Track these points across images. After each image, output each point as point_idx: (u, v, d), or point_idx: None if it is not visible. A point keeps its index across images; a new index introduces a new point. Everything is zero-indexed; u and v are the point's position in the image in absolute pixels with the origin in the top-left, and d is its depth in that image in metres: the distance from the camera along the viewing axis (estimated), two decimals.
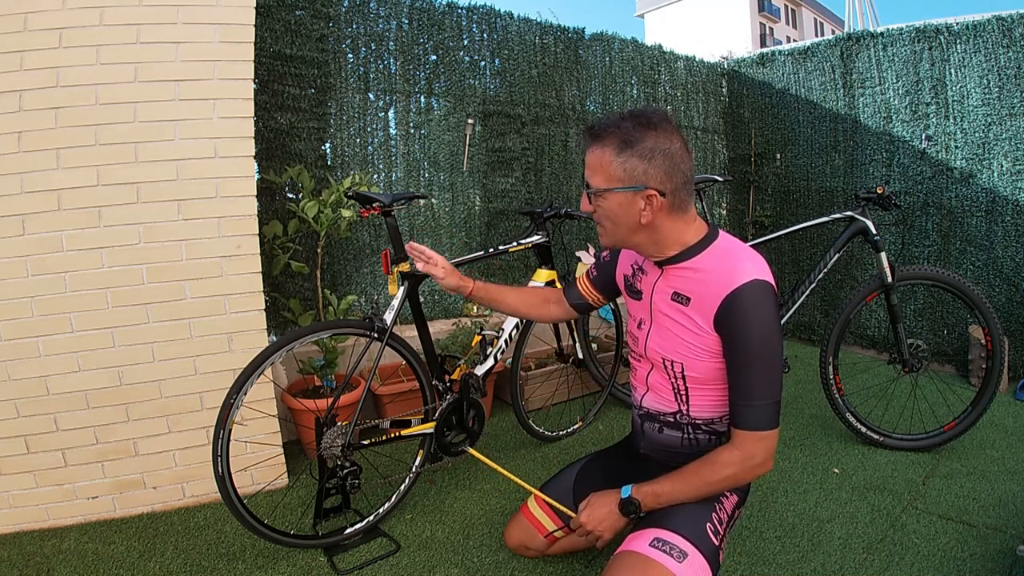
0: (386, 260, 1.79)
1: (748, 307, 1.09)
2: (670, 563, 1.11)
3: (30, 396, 1.76)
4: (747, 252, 1.17)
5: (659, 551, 1.14)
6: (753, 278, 1.10)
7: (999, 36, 2.84)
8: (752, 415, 1.12)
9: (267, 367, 1.57)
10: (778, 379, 1.13)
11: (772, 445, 1.15)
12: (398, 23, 2.81)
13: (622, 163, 1.12)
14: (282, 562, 1.65)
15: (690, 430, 1.28)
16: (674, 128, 1.14)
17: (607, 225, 1.20)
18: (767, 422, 1.12)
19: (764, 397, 1.11)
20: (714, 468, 1.17)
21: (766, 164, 3.98)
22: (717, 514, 1.24)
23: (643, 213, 1.14)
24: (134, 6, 1.76)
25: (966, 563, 1.58)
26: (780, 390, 1.14)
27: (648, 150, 1.10)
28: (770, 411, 1.12)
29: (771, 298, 1.11)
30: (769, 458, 1.16)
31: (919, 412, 2.49)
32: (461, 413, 1.93)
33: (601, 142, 1.14)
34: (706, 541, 1.17)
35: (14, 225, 1.70)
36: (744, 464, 1.15)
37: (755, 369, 1.11)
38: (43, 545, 1.73)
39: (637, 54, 3.69)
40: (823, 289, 3.68)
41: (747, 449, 1.14)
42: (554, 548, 1.52)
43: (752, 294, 1.10)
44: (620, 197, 1.14)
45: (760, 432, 1.12)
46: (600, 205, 1.17)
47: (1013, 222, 2.90)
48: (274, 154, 2.51)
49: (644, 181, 1.12)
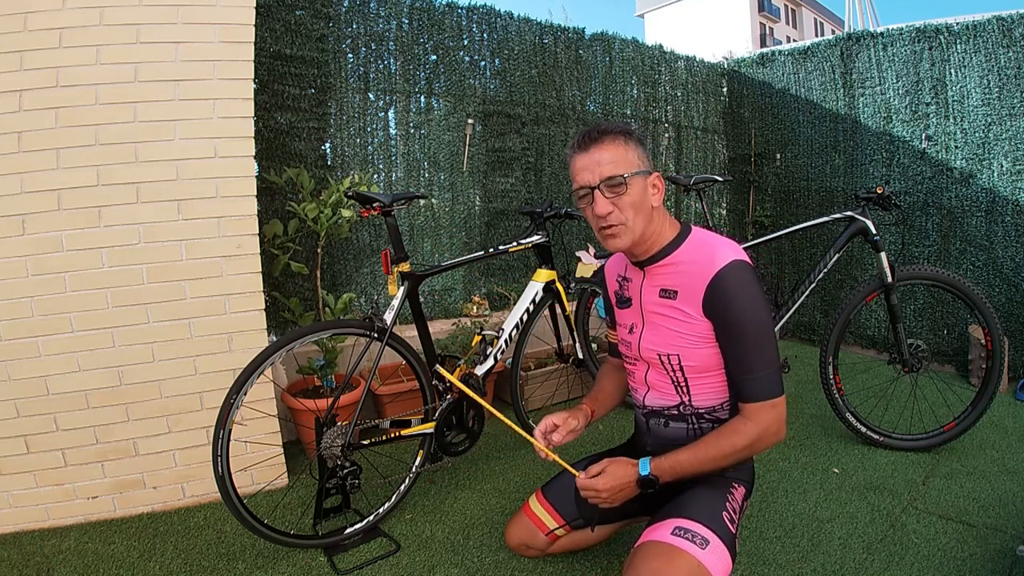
0: (386, 260, 1.79)
1: (731, 285, 1.15)
2: (694, 550, 1.13)
3: (30, 396, 1.76)
4: (721, 239, 1.23)
5: (682, 539, 1.16)
6: (731, 259, 1.16)
7: (999, 36, 2.84)
8: (757, 386, 1.16)
9: (267, 367, 1.57)
10: (773, 347, 1.18)
11: (782, 411, 1.18)
12: (398, 23, 2.81)
13: (634, 149, 1.22)
14: (282, 562, 1.65)
15: (694, 420, 1.30)
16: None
17: (629, 216, 1.20)
18: (772, 390, 1.16)
19: (763, 366, 1.16)
20: (731, 438, 1.19)
21: (766, 164, 3.98)
22: (730, 503, 1.26)
23: (654, 196, 1.23)
24: (134, 6, 1.76)
25: (966, 563, 1.58)
26: (777, 357, 1.18)
27: (637, 140, 1.23)
28: (773, 378, 1.16)
29: (751, 273, 1.17)
30: (782, 425, 1.19)
31: (919, 412, 2.48)
32: (461, 413, 1.93)
33: (611, 136, 1.21)
34: (724, 528, 1.19)
35: (14, 225, 1.70)
36: (760, 434, 1.17)
37: (748, 340, 1.15)
38: (43, 545, 1.73)
39: (637, 54, 3.69)
40: (823, 289, 3.68)
41: (760, 420, 1.17)
42: (555, 547, 1.52)
43: (733, 273, 1.15)
44: (642, 181, 1.21)
45: (769, 400, 1.16)
46: (627, 194, 1.19)
47: (1013, 222, 2.90)
48: (274, 154, 2.51)
49: (648, 166, 1.23)
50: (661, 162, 3.92)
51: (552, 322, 2.48)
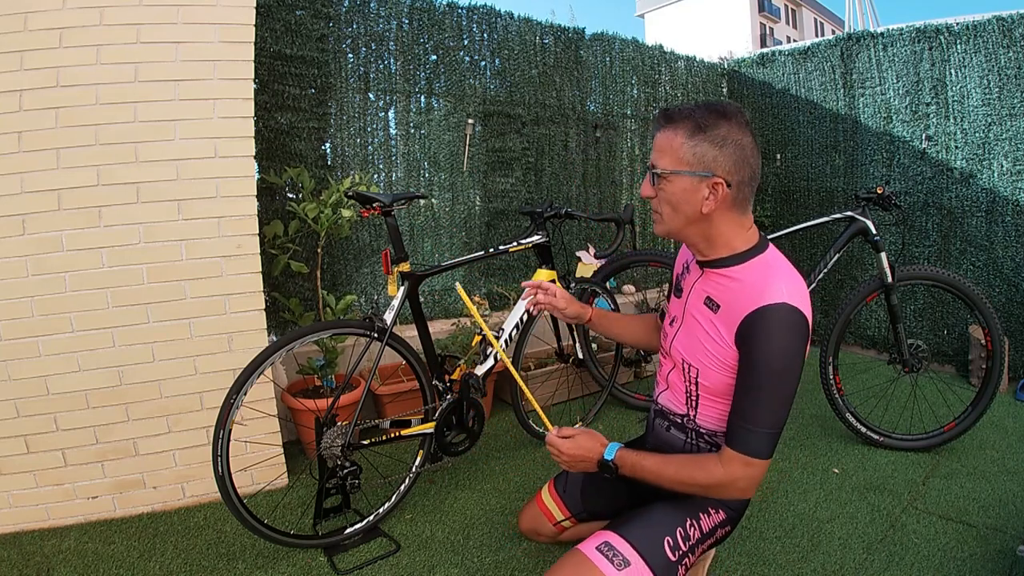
0: (386, 260, 1.79)
1: (771, 328, 1.04)
2: (607, 568, 1.10)
3: (30, 396, 1.76)
4: (788, 274, 1.11)
5: (602, 555, 1.13)
6: (783, 301, 1.05)
7: (999, 36, 2.84)
8: (747, 438, 1.07)
9: (267, 367, 1.57)
10: (784, 410, 1.08)
11: (758, 474, 1.10)
12: (398, 23, 2.81)
13: (693, 147, 1.10)
14: (282, 562, 1.65)
15: (694, 436, 1.26)
16: (747, 123, 1.11)
17: (666, 211, 1.16)
18: (759, 449, 1.07)
19: (763, 424, 1.06)
20: (697, 471, 1.13)
21: (766, 164, 3.98)
22: (685, 529, 1.19)
23: (706, 202, 1.11)
24: (134, 6, 1.76)
25: (966, 563, 1.58)
26: (783, 422, 1.08)
27: (720, 137, 1.09)
28: (765, 440, 1.07)
29: (798, 327, 1.05)
30: (752, 487, 1.11)
31: (919, 412, 2.49)
32: (461, 413, 1.93)
33: (674, 124, 1.12)
34: (658, 554, 1.14)
35: (14, 225, 1.70)
36: (725, 484, 1.10)
37: (762, 392, 1.06)
38: (43, 545, 1.73)
39: (637, 54, 3.69)
40: (823, 289, 3.68)
41: (732, 470, 1.09)
42: (563, 536, 1.54)
43: (778, 316, 1.04)
44: (686, 182, 1.11)
45: (748, 458, 1.07)
46: (664, 188, 1.14)
47: (1013, 222, 2.90)
48: (274, 154, 2.51)
49: (712, 168, 1.09)
50: None
51: (552, 322, 2.48)
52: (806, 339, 1.06)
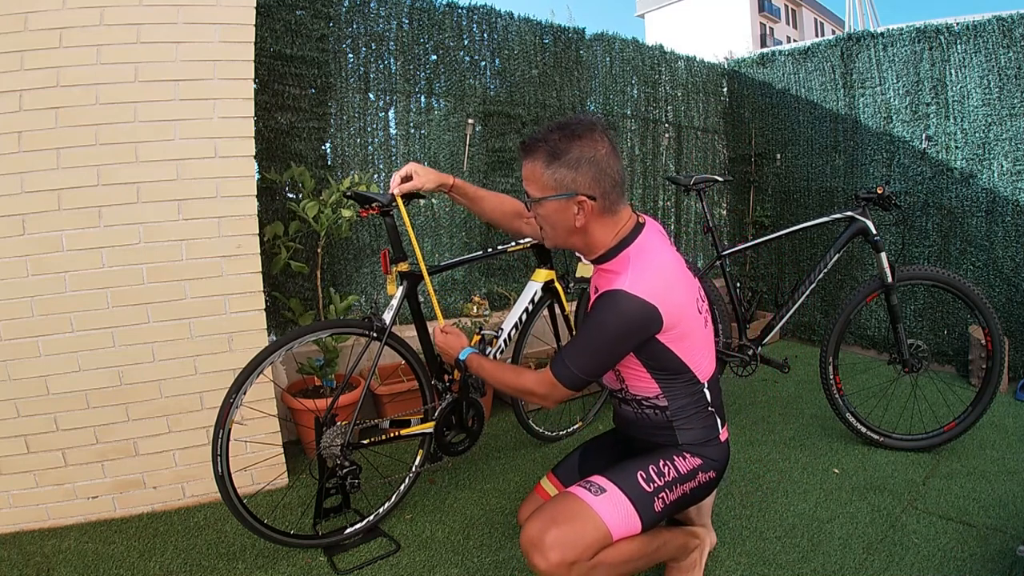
0: (385, 260, 1.79)
1: (604, 305, 1.22)
2: (586, 495, 1.25)
3: (30, 396, 1.76)
4: (638, 265, 1.24)
5: (581, 487, 1.28)
6: (621, 288, 1.20)
7: (999, 36, 2.84)
8: (560, 363, 1.28)
9: (267, 367, 1.57)
10: (589, 363, 1.26)
11: (559, 395, 1.30)
12: (398, 23, 2.81)
13: (552, 173, 1.23)
14: (282, 562, 1.65)
15: (636, 405, 1.40)
16: (600, 134, 1.25)
17: (547, 230, 1.33)
18: (563, 376, 1.27)
19: (571, 357, 1.27)
20: (517, 376, 1.41)
21: (766, 164, 3.98)
22: (658, 466, 1.32)
23: (577, 216, 1.25)
24: (134, 6, 1.76)
25: (966, 563, 1.58)
26: (588, 373, 1.26)
27: (574, 160, 1.22)
28: (569, 370, 1.26)
29: (625, 305, 1.19)
30: (551, 402, 1.34)
31: (919, 412, 2.48)
32: (461, 413, 1.93)
33: (532, 155, 1.26)
34: (631, 484, 1.28)
35: (14, 225, 1.70)
36: (534, 390, 1.34)
37: (579, 340, 1.27)
38: (43, 545, 1.73)
39: (638, 54, 3.69)
40: (823, 289, 3.68)
41: (542, 382, 1.31)
42: None
43: (614, 299, 1.21)
44: (555, 204, 1.26)
45: (554, 380, 1.28)
46: (539, 212, 1.30)
47: (1013, 222, 2.90)
48: (274, 154, 2.51)
49: (574, 188, 1.23)
50: (661, 162, 3.92)
51: (551, 322, 2.48)
52: (630, 319, 1.20)
